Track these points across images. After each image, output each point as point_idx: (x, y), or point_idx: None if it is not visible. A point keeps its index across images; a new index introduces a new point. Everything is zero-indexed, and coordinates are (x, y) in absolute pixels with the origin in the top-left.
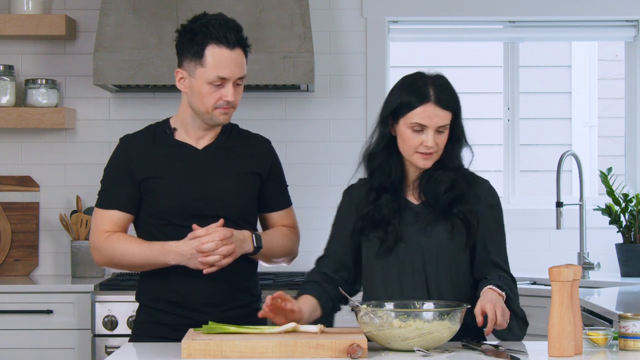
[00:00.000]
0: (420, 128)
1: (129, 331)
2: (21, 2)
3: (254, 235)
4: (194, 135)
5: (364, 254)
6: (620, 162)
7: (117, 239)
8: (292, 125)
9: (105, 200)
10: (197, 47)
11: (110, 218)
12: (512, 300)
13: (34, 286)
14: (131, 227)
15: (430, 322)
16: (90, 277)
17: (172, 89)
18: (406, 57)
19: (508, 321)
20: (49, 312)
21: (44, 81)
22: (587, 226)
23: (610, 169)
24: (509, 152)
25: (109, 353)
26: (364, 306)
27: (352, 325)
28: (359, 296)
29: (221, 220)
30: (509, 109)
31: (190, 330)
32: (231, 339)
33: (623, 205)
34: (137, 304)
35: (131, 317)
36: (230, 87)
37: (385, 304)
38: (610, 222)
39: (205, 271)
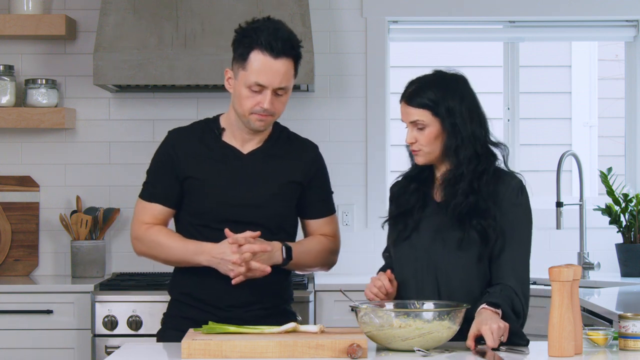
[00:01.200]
0: (405, 125)
1: (129, 331)
2: (21, 2)
3: (284, 247)
4: (240, 138)
5: (389, 241)
6: (620, 162)
7: (156, 232)
8: (292, 125)
9: (148, 192)
10: (243, 49)
11: (152, 211)
12: (507, 316)
13: (34, 286)
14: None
15: (430, 322)
16: (90, 277)
17: (172, 89)
18: (406, 57)
19: (505, 335)
20: (49, 312)
21: (44, 81)
22: (587, 226)
23: (610, 169)
24: (509, 152)
25: (109, 353)
26: (364, 306)
27: (352, 325)
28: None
29: (258, 232)
30: (509, 109)
31: (190, 330)
32: (231, 339)
33: (623, 205)
34: (138, 304)
35: (131, 317)
36: (268, 95)
37: (386, 304)
38: (610, 222)
39: (233, 281)
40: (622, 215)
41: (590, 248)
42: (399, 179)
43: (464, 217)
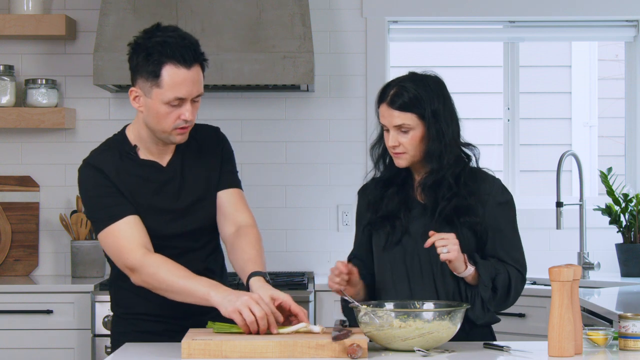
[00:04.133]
0: (386, 128)
1: None
2: (21, 2)
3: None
4: (156, 152)
5: (374, 247)
6: (620, 162)
7: (155, 261)
8: (292, 125)
9: (108, 216)
10: (153, 66)
11: (127, 228)
12: (480, 276)
13: (34, 286)
14: None
15: (430, 322)
16: (90, 277)
17: None
18: (406, 57)
19: (450, 254)
20: (49, 312)
21: (44, 81)
22: (587, 226)
23: (610, 169)
24: (509, 152)
25: (109, 353)
26: (364, 306)
27: (352, 325)
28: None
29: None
30: (509, 109)
31: (190, 330)
32: (231, 339)
33: (623, 205)
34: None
35: None
36: (188, 106)
37: (385, 304)
38: (610, 222)
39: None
40: (622, 215)
41: (590, 248)
42: (368, 183)
43: (450, 216)
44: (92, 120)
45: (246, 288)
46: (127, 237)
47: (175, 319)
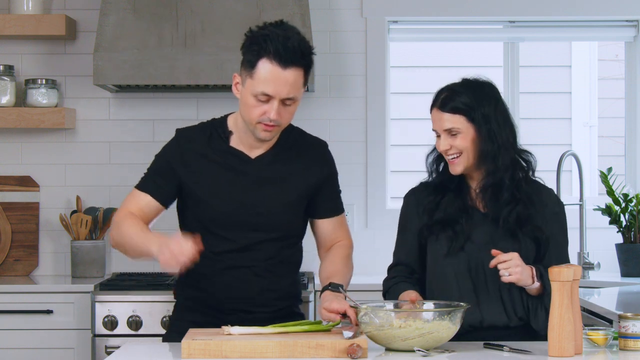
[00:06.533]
0: (437, 133)
1: (129, 331)
2: (21, 2)
3: (332, 287)
4: (247, 143)
5: (431, 254)
6: (620, 162)
7: (130, 219)
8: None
9: (143, 182)
10: (251, 56)
11: (140, 200)
12: (545, 288)
13: (34, 286)
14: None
15: (430, 322)
16: (90, 277)
17: (172, 89)
18: (406, 57)
19: (511, 277)
20: (49, 312)
21: (44, 81)
22: (587, 226)
23: (610, 169)
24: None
25: (109, 353)
26: (364, 306)
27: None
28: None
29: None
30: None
31: (190, 330)
32: (231, 339)
33: (623, 205)
34: (138, 304)
35: (131, 317)
36: (275, 105)
37: (385, 303)
38: (610, 222)
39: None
40: (622, 215)
41: (590, 248)
42: (417, 187)
43: (514, 227)
44: (92, 120)
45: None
46: (131, 203)
47: (220, 313)
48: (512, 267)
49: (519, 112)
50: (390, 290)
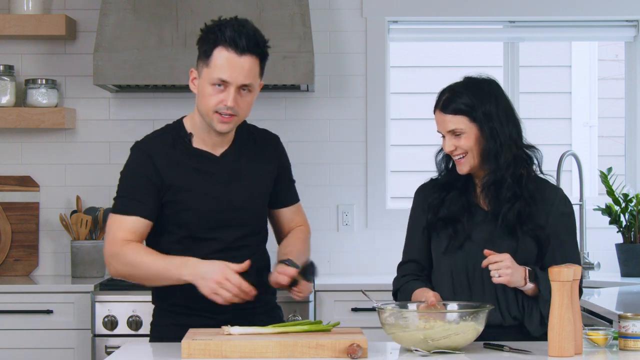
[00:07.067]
0: (441, 134)
1: (129, 331)
2: (21, 2)
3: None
4: (210, 141)
5: (433, 251)
6: (620, 162)
7: (135, 248)
8: (292, 125)
9: (124, 205)
10: (207, 46)
11: (129, 225)
12: (540, 291)
13: (34, 286)
14: None
15: (457, 323)
16: (90, 277)
17: (172, 89)
18: (406, 57)
19: (501, 278)
20: (49, 312)
21: (44, 81)
22: (587, 226)
23: (610, 169)
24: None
25: (109, 353)
26: (389, 307)
27: (352, 325)
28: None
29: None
30: None
31: (190, 330)
32: (231, 339)
33: (623, 205)
34: (138, 304)
35: (131, 317)
36: (232, 92)
37: (409, 305)
38: (610, 222)
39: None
40: (622, 215)
41: (590, 248)
42: (426, 183)
43: (513, 225)
44: (92, 120)
45: None
46: (119, 230)
47: (213, 313)
48: (502, 269)
49: (519, 112)
50: (402, 288)
